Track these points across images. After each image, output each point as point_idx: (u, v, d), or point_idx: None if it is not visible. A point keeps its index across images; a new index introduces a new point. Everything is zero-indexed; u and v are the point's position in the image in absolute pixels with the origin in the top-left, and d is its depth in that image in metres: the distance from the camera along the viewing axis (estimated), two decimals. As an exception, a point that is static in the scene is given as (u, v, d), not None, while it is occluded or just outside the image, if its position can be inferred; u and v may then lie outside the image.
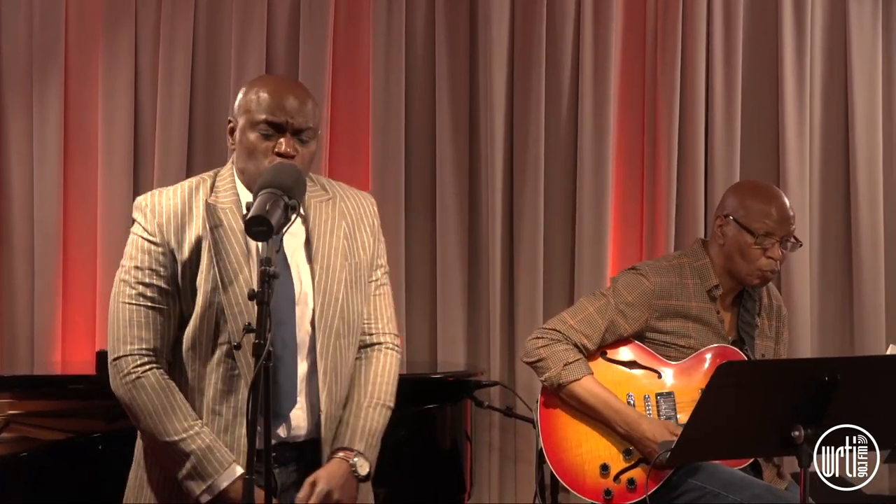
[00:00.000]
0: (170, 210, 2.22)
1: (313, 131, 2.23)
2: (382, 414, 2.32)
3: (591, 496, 2.86)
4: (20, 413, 3.31)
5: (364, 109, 4.46)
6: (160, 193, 2.25)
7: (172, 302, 2.21)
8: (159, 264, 2.20)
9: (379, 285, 2.39)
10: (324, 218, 2.28)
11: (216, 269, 2.16)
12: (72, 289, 4.38)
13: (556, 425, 2.95)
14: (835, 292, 4.60)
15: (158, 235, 2.20)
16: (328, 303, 2.22)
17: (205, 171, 4.29)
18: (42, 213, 4.32)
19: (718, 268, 3.01)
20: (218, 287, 2.15)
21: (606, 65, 4.45)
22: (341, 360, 2.25)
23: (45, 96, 4.33)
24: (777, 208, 2.94)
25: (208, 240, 2.18)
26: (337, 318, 2.23)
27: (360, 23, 4.50)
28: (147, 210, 2.23)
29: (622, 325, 2.96)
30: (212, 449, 2.14)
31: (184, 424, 2.15)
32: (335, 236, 2.28)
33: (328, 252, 2.25)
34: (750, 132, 4.54)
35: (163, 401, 2.16)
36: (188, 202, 2.22)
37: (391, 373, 2.37)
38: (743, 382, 2.23)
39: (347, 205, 2.35)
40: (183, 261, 2.18)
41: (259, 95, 2.20)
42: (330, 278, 2.23)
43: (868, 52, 4.52)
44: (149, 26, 4.39)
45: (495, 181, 4.43)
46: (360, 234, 2.33)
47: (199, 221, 2.20)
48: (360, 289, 2.30)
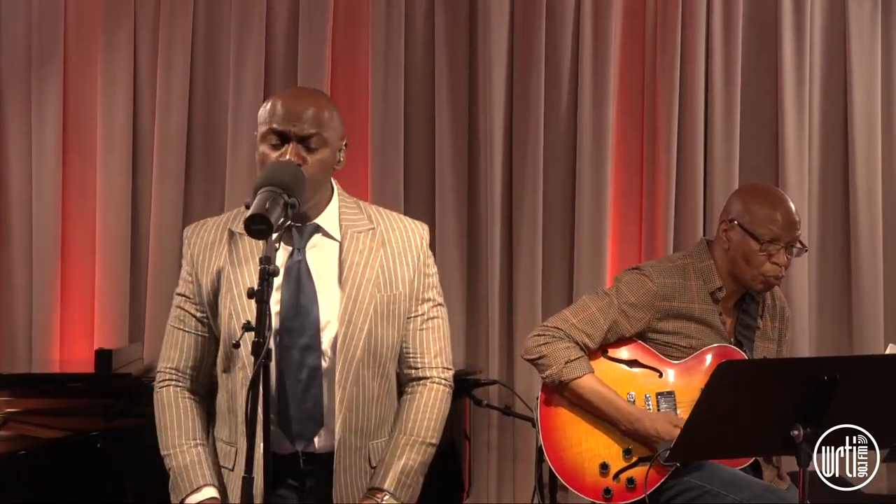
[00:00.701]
0: (204, 241, 2.30)
1: (321, 138, 2.21)
2: (422, 452, 2.33)
3: (591, 495, 2.86)
4: (18, 411, 3.31)
5: (363, 110, 4.46)
6: (202, 225, 2.35)
7: (206, 328, 2.31)
8: (192, 293, 2.30)
9: (426, 319, 2.39)
10: (359, 248, 2.28)
11: (231, 297, 2.22)
12: (70, 286, 4.38)
13: (556, 423, 2.94)
14: (833, 292, 4.59)
15: (190, 266, 2.30)
16: (351, 332, 2.24)
17: (203, 172, 4.43)
18: (41, 209, 4.32)
19: (723, 270, 2.99)
20: (231, 314, 2.21)
21: (606, 65, 4.45)
22: (361, 389, 2.26)
23: (44, 93, 4.33)
24: (783, 214, 2.91)
25: (227, 268, 2.23)
26: (360, 348, 2.24)
27: (359, 23, 4.50)
28: (186, 241, 2.33)
29: (624, 325, 2.95)
30: (189, 468, 2.23)
31: (176, 441, 2.26)
32: (369, 266, 2.28)
33: (359, 282, 2.26)
34: (749, 132, 4.54)
35: (167, 417, 2.29)
36: (220, 233, 2.29)
37: (436, 408, 2.39)
38: (742, 381, 2.22)
39: (392, 235, 2.34)
40: (207, 291, 2.26)
41: (267, 107, 2.23)
42: (357, 308, 2.24)
43: (867, 53, 4.52)
44: (148, 23, 4.40)
45: (494, 181, 4.42)
46: (400, 267, 2.33)
47: (223, 251, 2.26)
48: (392, 322, 2.30)
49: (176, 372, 2.31)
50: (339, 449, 2.24)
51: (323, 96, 2.36)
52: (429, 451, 2.35)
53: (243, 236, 2.22)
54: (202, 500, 2.21)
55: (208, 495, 2.22)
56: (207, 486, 2.22)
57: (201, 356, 2.32)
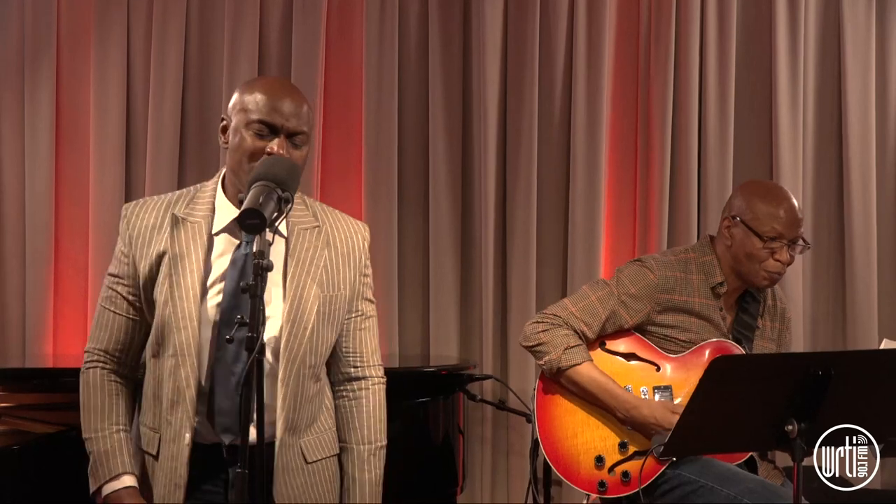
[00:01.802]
0: (143, 223, 2.26)
1: (306, 136, 2.23)
2: (381, 457, 2.40)
3: (585, 487, 2.86)
4: (12, 406, 3.30)
5: (357, 107, 4.46)
6: (142, 204, 2.30)
7: (137, 312, 2.28)
8: (126, 275, 2.27)
9: (365, 318, 2.40)
10: (305, 246, 2.27)
11: (169, 283, 2.19)
12: (63, 282, 4.37)
13: (552, 414, 2.94)
14: (827, 288, 4.61)
15: (128, 247, 2.26)
16: (296, 332, 2.22)
17: (196, 166, 4.41)
18: (34, 206, 4.30)
19: (725, 266, 2.99)
20: (168, 301, 2.18)
21: (600, 63, 4.45)
22: (302, 388, 2.26)
23: (36, 88, 4.32)
24: (786, 211, 2.91)
25: (168, 254, 2.20)
26: (304, 347, 2.23)
27: (353, 20, 4.49)
28: (124, 220, 2.28)
29: (623, 316, 2.95)
30: (109, 455, 2.23)
31: (98, 425, 2.25)
32: (314, 265, 2.27)
33: (304, 281, 2.25)
34: (743, 130, 4.55)
35: (92, 400, 2.27)
36: (162, 216, 2.26)
37: (382, 409, 2.42)
38: (737, 376, 2.22)
39: (337, 236, 2.34)
40: (144, 274, 2.23)
41: (256, 96, 2.21)
42: (301, 307, 2.23)
43: (862, 52, 4.53)
44: (141, 21, 4.38)
45: (488, 177, 4.43)
46: (343, 268, 2.33)
47: (165, 235, 2.23)
48: (332, 321, 2.30)
49: (105, 353, 2.28)
50: (280, 447, 2.23)
51: (301, 92, 2.34)
52: (384, 452, 2.41)
53: (186, 221, 2.22)
54: (119, 488, 2.21)
55: (126, 483, 2.21)
56: (126, 474, 2.22)
57: (131, 339, 2.29)
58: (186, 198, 2.28)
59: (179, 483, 2.18)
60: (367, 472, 2.36)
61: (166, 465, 2.21)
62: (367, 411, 2.39)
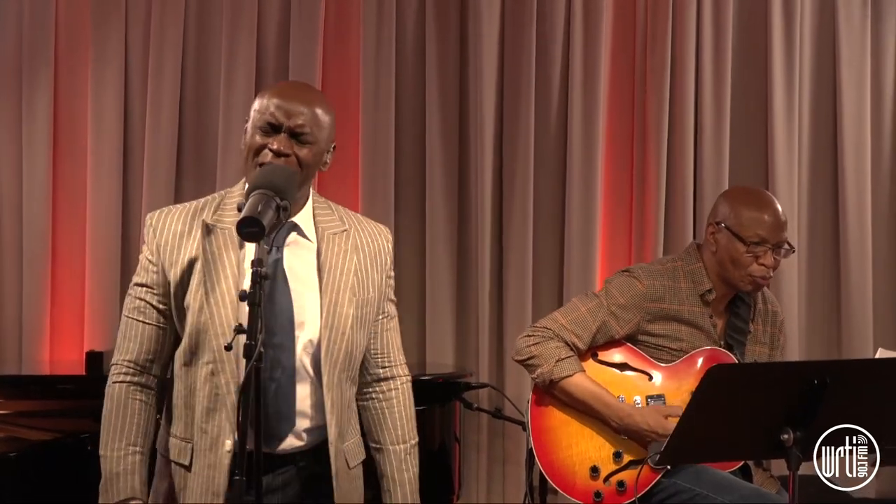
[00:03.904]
0: (170, 230, 2.24)
1: (313, 135, 2.21)
2: (416, 455, 2.43)
3: (581, 498, 2.86)
4: (8, 413, 3.30)
5: (354, 111, 4.46)
6: (167, 213, 2.28)
7: (167, 320, 2.25)
8: (155, 283, 2.24)
9: (390, 318, 2.43)
10: (336, 251, 2.28)
11: (204, 290, 2.18)
12: (61, 288, 4.37)
13: (546, 426, 2.94)
14: (822, 296, 4.62)
15: (155, 255, 2.23)
16: (335, 337, 2.23)
17: (193, 174, 4.41)
18: (31, 211, 4.31)
19: (712, 273, 3.00)
20: (204, 308, 2.17)
21: (596, 69, 4.46)
22: (342, 392, 2.27)
23: (34, 95, 4.32)
24: (770, 216, 2.92)
25: (201, 260, 2.19)
26: (343, 352, 2.24)
27: (350, 24, 4.50)
28: (150, 229, 2.26)
29: (614, 326, 2.96)
30: (119, 477, 2.19)
31: (115, 444, 2.21)
32: (346, 270, 2.28)
33: (338, 286, 2.26)
34: (739, 136, 4.56)
35: (112, 415, 2.23)
36: (190, 223, 2.24)
37: (411, 406, 2.45)
38: (733, 385, 2.23)
39: (362, 240, 2.35)
40: (175, 282, 2.21)
41: (265, 98, 2.22)
42: (338, 313, 2.24)
43: (857, 60, 4.54)
44: (139, 25, 4.40)
45: (485, 184, 4.43)
46: (371, 271, 2.34)
47: (195, 243, 2.21)
48: (363, 325, 2.31)
49: (134, 365, 2.24)
50: (335, 453, 2.24)
51: (320, 95, 2.35)
52: (417, 450, 2.44)
53: (216, 228, 2.21)
54: None
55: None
56: (134, 499, 2.18)
57: (160, 348, 2.26)
58: (212, 205, 2.27)
59: (218, 491, 2.15)
60: (405, 472, 2.39)
61: (203, 473, 2.18)
62: (398, 411, 2.41)
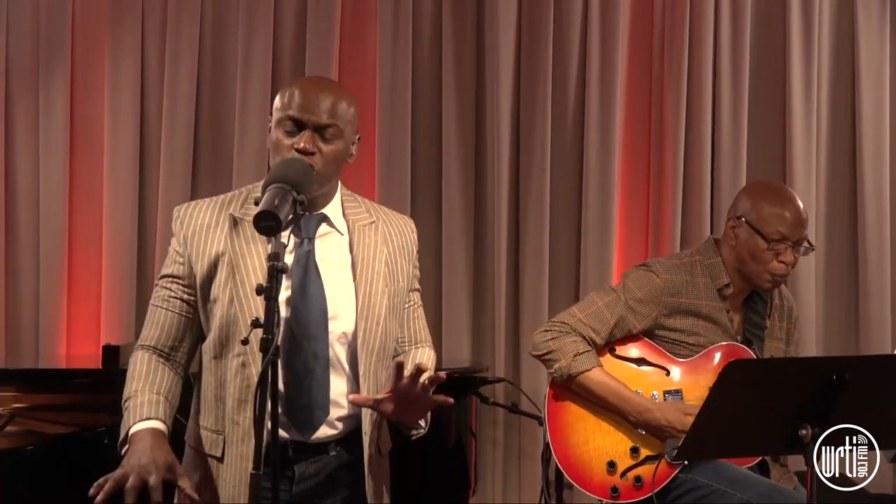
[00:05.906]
0: (197, 222, 2.26)
1: (338, 129, 2.22)
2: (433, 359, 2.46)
3: (598, 493, 2.86)
4: (25, 406, 3.32)
5: (370, 109, 4.46)
6: (195, 206, 2.30)
7: (192, 310, 2.27)
8: (181, 274, 2.25)
9: (417, 306, 2.45)
10: (367, 242, 2.31)
11: (234, 283, 2.19)
12: (77, 282, 4.40)
13: (564, 421, 2.94)
14: (841, 293, 4.59)
15: (182, 247, 2.25)
16: (369, 327, 2.25)
17: (209, 170, 4.43)
18: (48, 206, 4.33)
19: (730, 267, 2.98)
20: (234, 300, 2.18)
21: (613, 66, 4.45)
22: (377, 381, 2.27)
23: (51, 90, 4.35)
24: (791, 212, 2.90)
25: (229, 253, 2.21)
26: (378, 342, 2.26)
27: (366, 23, 4.51)
28: (178, 221, 2.28)
29: (631, 320, 2.94)
30: (144, 405, 2.16)
31: (139, 386, 2.20)
32: (377, 260, 2.31)
33: (371, 276, 2.28)
34: (757, 133, 4.54)
35: (136, 369, 2.23)
36: (217, 216, 2.26)
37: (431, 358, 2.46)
38: (751, 381, 2.22)
39: (390, 230, 2.38)
40: (202, 273, 2.22)
41: (287, 94, 2.22)
42: (373, 303, 2.26)
43: (876, 55, 4.51)
44: (156, 20, 4.41)
45: (501, 180, 4.43)
46: (400, 260, 2.37)
47: (223, 235, 2.23)
48: (395, 314, 2.34)
49: (154, 349, 2.26)
50: (369, 442, 2.24)
51: (341, 88, 2.36)
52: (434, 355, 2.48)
53: (244, 221, 2.22)
54: (147, 427, 2.12)
55: (156, 425, 2.14)
56: (158, 420, 2.15)
57: (182, 336, 2.27)
58: (239, 199, 2.29)
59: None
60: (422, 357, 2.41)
61: (235, 465, 2.19)
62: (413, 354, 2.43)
